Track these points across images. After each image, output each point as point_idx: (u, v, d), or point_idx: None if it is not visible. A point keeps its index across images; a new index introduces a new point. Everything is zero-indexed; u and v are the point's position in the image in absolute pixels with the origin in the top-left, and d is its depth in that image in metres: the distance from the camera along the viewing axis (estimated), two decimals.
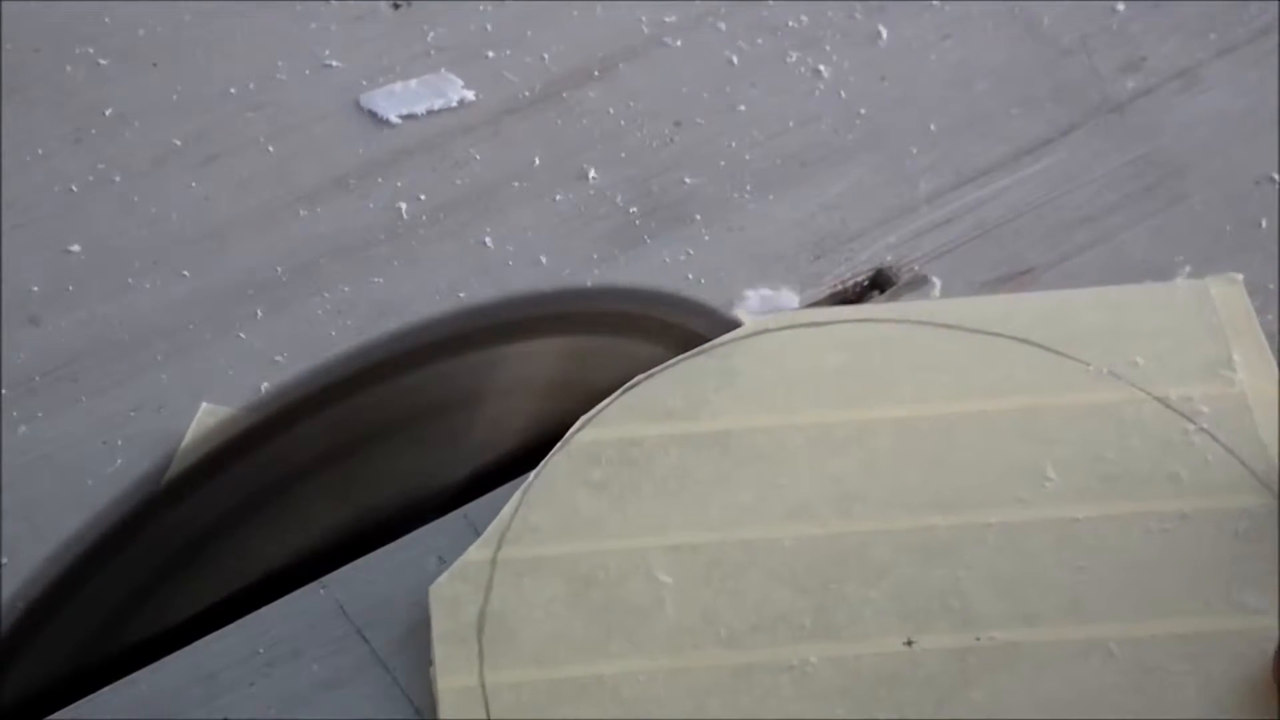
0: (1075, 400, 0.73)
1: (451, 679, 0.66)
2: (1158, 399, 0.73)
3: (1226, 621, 0.67)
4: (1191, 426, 0.73)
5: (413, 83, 0.86)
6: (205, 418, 0.74)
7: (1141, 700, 0.66)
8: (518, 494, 0.70)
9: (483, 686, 0.66)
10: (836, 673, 0.66)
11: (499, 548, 0.69)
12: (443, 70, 0.86)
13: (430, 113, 0.85)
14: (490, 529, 0.69)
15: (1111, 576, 0.69)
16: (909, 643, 0.67)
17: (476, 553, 0.69)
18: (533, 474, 0.71)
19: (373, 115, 0.86)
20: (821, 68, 0.87)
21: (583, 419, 0.72)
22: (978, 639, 0.67)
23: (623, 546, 0.69)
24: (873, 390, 0.74)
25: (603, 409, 0.73)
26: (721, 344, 0.75)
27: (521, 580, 0.68)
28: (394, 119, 0.85)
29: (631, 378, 0.74)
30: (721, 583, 0.68)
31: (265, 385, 0.76)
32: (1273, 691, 0.65)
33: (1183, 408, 0.73)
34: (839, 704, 0.65)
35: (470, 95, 0.86)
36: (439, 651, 0.67)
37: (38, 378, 0.77)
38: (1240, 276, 0.77)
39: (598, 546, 0.69)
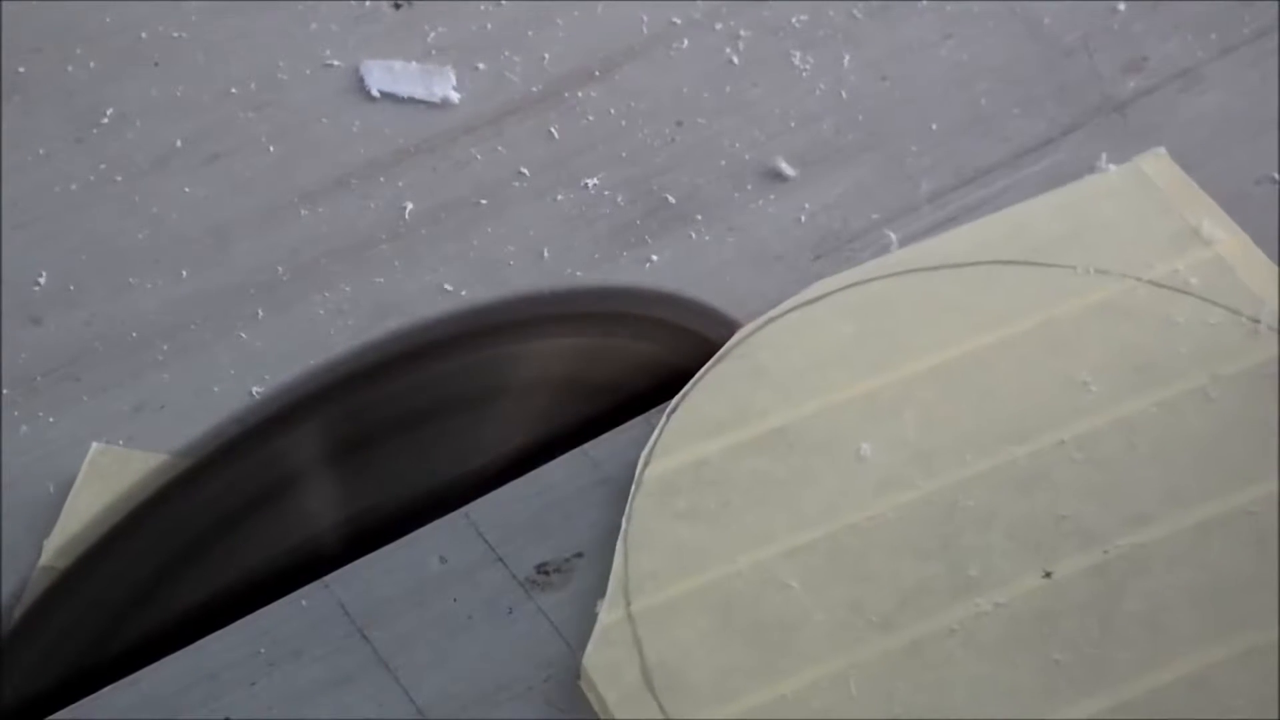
0: (1079, 304, 0.75)
1: None
2: (1150, 282, 0.75)
3: None
4: (1191, 298, 0.74)
5: (413, 65, 0.86)
6: (97, 458, 0.74)
7: (1274, 561, 0.67)
8: (619, 546, 0.69)
9: None
10: (997, 623, 0.67)
11: (628, 603, 0.68)
12: (449, 68, 0.86)
13: (411, 99, 0.85)
14: (611, 588, 0.68)
15: (1190, 459, 0.70)
16: (1047, 574, 0.68)
17: (609, 615, 0.68)
18: (624, 521, 0.70)
19: (360, 81, 0.86)
20: (822, 68, 0.87)
21: (643, 456, 0.72)
22: (1106, 552, 0.68)
23: (743, 565, 0.69)
24: (895, 347, 0.74)
25: (655, 441, 0.72)
26: (737, 344, 0.75)
27: (666, 627, 0.67)
28: (375, 93, 0.85)
29: (632, 378, 0.74)
30: (850, 571, 0.68)
31: (257, 388, 0.76)
32: None
33: (1174, 283, 0.75)
34: (1014, 651, 0.66)
35: (455, 97, 0.85)
36: (623, 717, 0.65)
37: (39, 377, 0.77)
38: (1163, 149, 0.80)
39: (720, 572, 0.69)
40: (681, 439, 0.72)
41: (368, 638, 0.69)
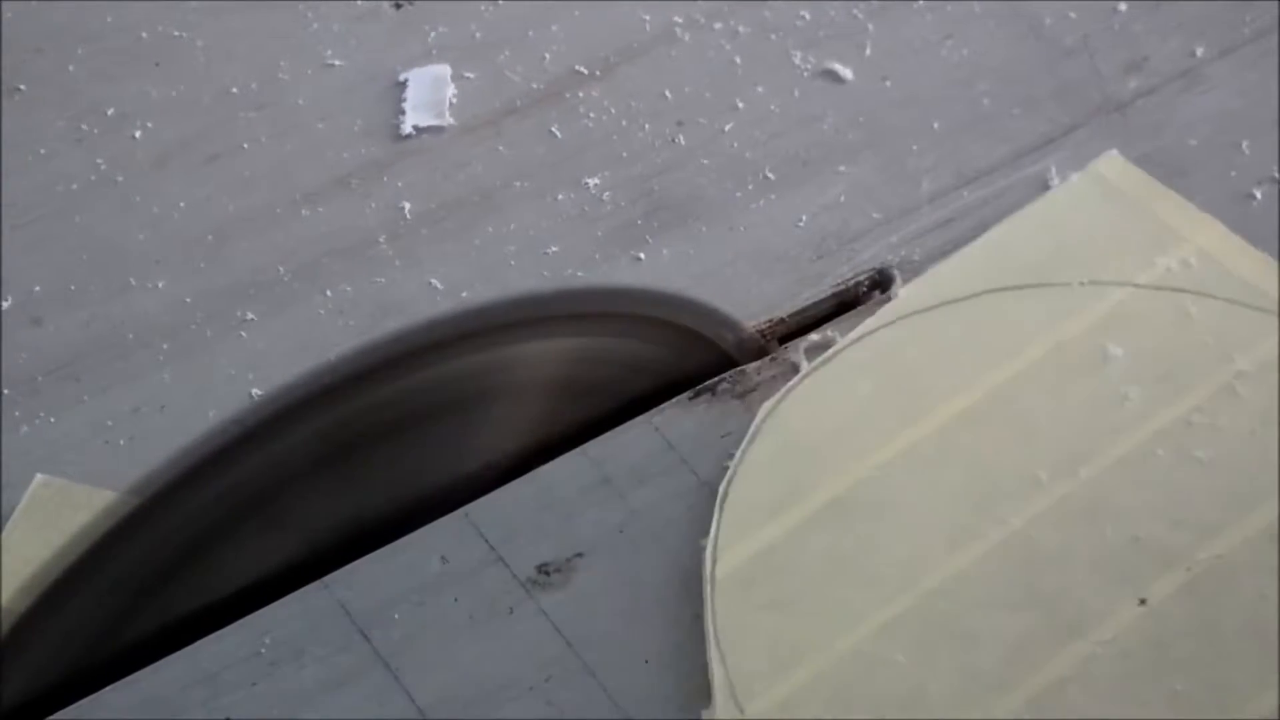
0: (1086, 320, 0.74)
1: None
2: (1148, 285, 0.74)
3: None
4: (1189, 294, 0.74)
5: (451, 88, 0.86)
6: (40, 490, 0.73)
7: None
8: (712, 650, 0.67)
9: None
10: (1108, 662, 0.65)
11: (741, 710, 0.65)
12: (468, 105, 0.86)
13: (414, 101, 0.86)
14: (718, 696, 0.66)
15: (1238, 458, 0.69)
16: (1143, 601, 0.66)
17: None
18: (708, 623, 0.67)
19: (394, 71, 0.87)
20: (823, 67, 0.87)
21: (707, 554, 0.69)
22: (1189, 569, 0.67)
23: (842, 649, 0.67)
24: (921, 394, 0.73)
25: (715, 536, 0.69)
26: (763, 420, 0.73)
27: None
28: (401, 76, 0.86)
29: (632, 378, 0.74)
30: (949, 636, 0.66)
31: (257, 389, 0.76)
32: None
33: (1169, 282, 0.74)
34: (1133, 687, 0.64)
35: (408, 130, 0.85)
36: None
37: (39, 377, 0.77)
38: (1115, 150, 0.80)
39: (822, 660, 0.66)
40: (740, 529, 0.70)
41: (368, 638, 0.69)
